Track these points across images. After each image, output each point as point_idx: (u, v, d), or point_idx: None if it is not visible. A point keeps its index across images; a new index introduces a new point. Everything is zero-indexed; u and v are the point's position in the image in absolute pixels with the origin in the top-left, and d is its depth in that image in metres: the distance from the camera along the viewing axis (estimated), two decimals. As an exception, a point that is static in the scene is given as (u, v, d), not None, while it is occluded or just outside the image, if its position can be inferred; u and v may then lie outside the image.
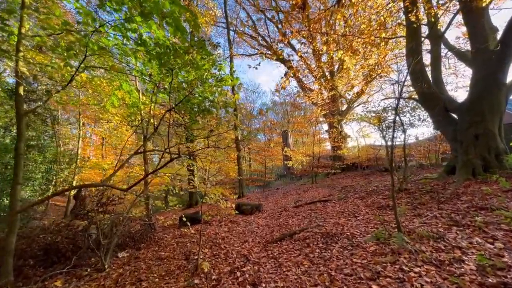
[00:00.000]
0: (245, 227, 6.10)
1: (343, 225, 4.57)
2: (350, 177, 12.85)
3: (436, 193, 5.30)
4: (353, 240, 3.74)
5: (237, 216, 7.50)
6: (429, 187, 5.84)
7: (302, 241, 4.17)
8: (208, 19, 11.69)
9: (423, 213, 4.37)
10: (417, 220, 4.10)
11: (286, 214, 6.76)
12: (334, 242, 3.84)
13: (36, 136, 11.06)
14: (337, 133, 15.85)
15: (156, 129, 3.35)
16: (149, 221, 5.97)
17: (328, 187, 10.53)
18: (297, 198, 9.22)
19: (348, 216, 5.17)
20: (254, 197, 12.34)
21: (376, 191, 7.01)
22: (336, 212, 5.67)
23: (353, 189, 8.21)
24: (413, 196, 5.52)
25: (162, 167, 3.18)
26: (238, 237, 5.21)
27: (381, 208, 5.23)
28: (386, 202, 5.54)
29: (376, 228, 4.05)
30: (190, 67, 3.49)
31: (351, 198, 6.80)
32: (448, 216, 3.95)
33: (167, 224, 7.19)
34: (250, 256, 3.93)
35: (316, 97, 14.40)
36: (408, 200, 5.29)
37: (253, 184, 19.52)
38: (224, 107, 4.77)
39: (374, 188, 7.43)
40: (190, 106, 4.55)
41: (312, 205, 7.02)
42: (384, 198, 5.99)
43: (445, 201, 4.72)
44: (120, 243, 5.41)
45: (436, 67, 7.72)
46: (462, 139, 6.32)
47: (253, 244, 4.61)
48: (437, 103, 7.01)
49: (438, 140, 11.03)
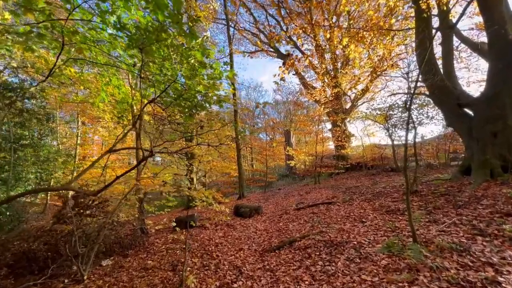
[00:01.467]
0: (242, 232, 5.66)
1: (349, 232, 4.10)
2: (354, 177, 12.32)
3: (452, 196, 4.80)
4: (361, 251, 3.27)
5: (235, 219, 7.06)
6: (443, 189, 5.34)
7: (303, 251, 3.71)
8: (207, 13, 11.26)
9: (440, 219, 3.88)
10: (434, 227, 3.62)
11: (287, 217, 6.31)
12: (339, 252, 3.37)
13: (30, 135, 10.73)
14: (340, 132, 15.32)
15: (135, 124, 2.93)
16: (140, 225, 5.56)
17: (332, 187, 10.04)
18: (299, 199, 8.75)
19: (354, 221, 4.70)
20: (254, 198, 11.89)
21: (383, 192, 6.52)
22: (340, 216, 5.20)
23: (358, 191, 7.72)
24: (426, 199, 5.03)
25: (133, 168, 2.76)
26: (233, 244, 4.77)
27: (390, 213, 4.75)
28: (396, 206, 5.05)
29: (387, 237, 3.58)
30: (174, 52, 3.06)
31: (356, 201, 6.31)
32: (470, 224, 3.46)
33: (162, 227, 6.78)
34: (244, 267, 3.48)
35: (319, 95, 13.90)
36: (421, 204, 4.80)
37: (255, 184, 19.07)
38: (218, 102, 4.33)
39: (381, 190, 6.93)
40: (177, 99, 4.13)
41: (314, 208, 6.55)
42: (393, 201, 5.50)
43: (463, 205, 4.23)
44: (106, 250, 5.00)
45: (448, 60, 7.19)
46: (479, 136, 5.80)
47: (249, 252, 4.17)
48: (450, 98, 6.49)
49: (448, 139, 10.47)
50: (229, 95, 3.78)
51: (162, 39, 2.88)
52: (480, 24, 8.35)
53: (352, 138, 17.26)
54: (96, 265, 4.44)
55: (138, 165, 2.62)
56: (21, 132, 10.19)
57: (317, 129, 16.22)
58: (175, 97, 3.63)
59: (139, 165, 2.64)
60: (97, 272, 4.12)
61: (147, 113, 6.71)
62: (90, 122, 17.83)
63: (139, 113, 3.25)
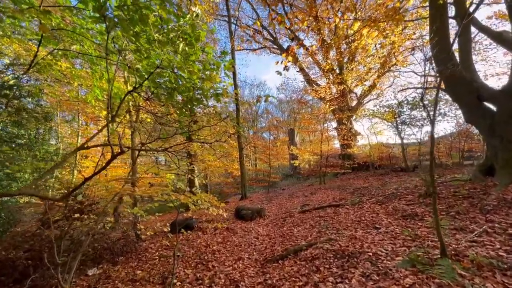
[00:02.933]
0: (243, 237, 5.22)
1: (361, 240, 3.62)
2: (361, 177, 11.79)
3: (476, 199, 4.29)
4: (378, 265, 2.80)
5: (235, 222, 6.63)
6: (465, 190, 4.82)
7: (310, 262, 3.25)
8: (207, 7, 10.84)
9: (467, 226, 3.39)
10: (461, 236, 3.13)
11: (291, 221, 5.85)
12: (353, 266, 2.91)
13: (26, 134, 10.44)
14: (346, 130, 14.79)
15: (114, 118, 2.53)
16: (132, 229, 5.16)
17: (338, 188, 9.54)
18: (304, 201, 8.28)
19: (367, 227, 4.22)
20: (257, 199, 11.45)
21: (396, 194, 6.02)
22: (351, 221, 4.72)
23: (367, 192, 7.22)
24: (447, 202, 4.52)
25: (103, 168, 2.33)
26: (232, 252, 4.33)
27: (407, 218, 4.26)
28: (413, 210, 4.55)
29: (407, 247, 3.10)
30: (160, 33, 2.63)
31: (367, 203, 5.82)
32: (505, 233, 2.97)
33: (154, 232, 6.38)
34: (242, 282, 3.04)
35: (324, 92, 13.39)
36: (442, 208, 4.30)
37: (258, 184, 18.61)
38: (215, 96, 3.89)
39: (393, 191, 6.43)
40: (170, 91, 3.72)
41: (321, 211, 6.08)
42: (408, 204, 5.00)
43: (492, 210, 3.72)
44: (96, 256, 4.61)
45: (466, 51, 6.64)
46: (503, 133, 5.26)
47: (249, 262, 3.72)
48: (469, 91, 5.95)
49: (462, 137, 9.88)
50: (228, 88, 3.33)
51: (145, 18, 2.46)
52: (500, 12, 7.77)
53: (359, 136, 16.71)
54: (81, 274, 4.05)
55: (109, 163, 2.20)
56: (18, 131, 9.91)
57: (322, 127, 15.70)
58: (168, 90, 3.20)
59: (110, 163, 2.21)
60: (81, 283, 3.72)
61: (142, 108, 6.32)
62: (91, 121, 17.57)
63: (119, 105, 2.83)
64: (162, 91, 3.85)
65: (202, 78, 3.67)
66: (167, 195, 3.26)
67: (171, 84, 3.92)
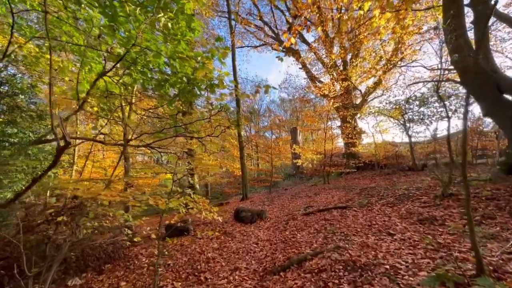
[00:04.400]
0: (241, 242, 4.79)
1: (375, 249, 3.17)
2: (367, 177, 11.31)
3: (503, 201, 3.81)
4: (398, 281, 2.35)
5: (234, 225, 6.20)
6: (487, 192, 4.34)
7: (316, 275, 2.81)
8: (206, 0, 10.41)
9: (499, 233, 2.92)
10: (494, 245, 2.67)
11: (294, 224, 5.40)
12: (367, 282, 2.46)
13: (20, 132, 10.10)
14: (351, 128, 14.28)
15: (81, 108, 2.12)
16: (119, 234, 4.76)
17: (344, 188, 9.07)
18: (307, 202, 7.83)
19: (379, 232, 3.76)
20: (258, 199, 11.01)
21: (407, 195, 5.55)
22: (360, 226, 4.26)
23: (376, 192, 6.74)
24: (468, 204, 4.04)
25: (50, 167, 1.92)
26: (228, 260, 3.89)
27: (424, 222, 3.79)
28: (430, 213, 4.08)
29: (431, 259, 2.64)
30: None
31: (376, 205, 5.36)
32: (549, 242, 2.50)
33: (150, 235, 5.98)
34: (237, 300, 2.61)
35: (327, 89, 12.90)
36: (463, 211, 3.83)
37: (260, 184, 18.15)
38: (210, 87, 3.46)
39: (404, 192, 5.95)
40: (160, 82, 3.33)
41: (326, 213, 5.62)
42: (423, 206, 4.52)
43: (525, 214, 3.25)
44: (79, 264, 4.21)
45: (483, 41, 6.14)
46: (528, 128, 4.77)
47: (246, 273, 3.29)
48: (488, 83, 5.46)
49: (475, 134, 9.33)
50: (223, 78, 2.91)
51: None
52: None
53: (363, 135, 16.19)
54: (61, 285, 3.64)
55: (56, 161, 1.78)
56: (11, 130, 9.57)
57: (326, 125, 15.19)
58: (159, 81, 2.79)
59: (57, 160, 1.80)
60: (58, 296, 3.31)
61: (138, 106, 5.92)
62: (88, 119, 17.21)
63: (88, 90, 2.42)
64: (153, 83, 3.46)
65: (194, 68, 3.26)
66: (145, 200, 2.82)
67: (162, 76, 3.51)
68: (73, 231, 3.63)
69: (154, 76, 3.54)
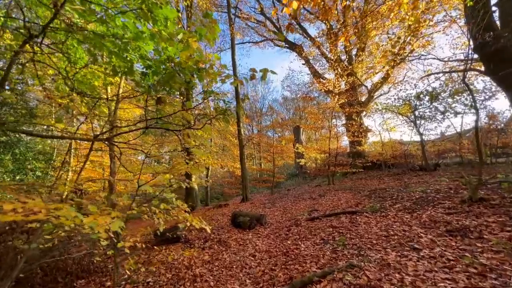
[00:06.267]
0: (236, 253, 4.17)
1: (398, 270, 2.52)
2: (375, 177, 10.62)
3: (553, 208, 3.15)
4: (440, 323, 1.71)
5: (231, 231, 5.59)
6: (527, 196, 3.67)
7: (326, 307, 2.18)
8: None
9: (562, 252, 2.26)
10: None
11: (297, 231, 4.77)
12: (397, 322, 1.82)
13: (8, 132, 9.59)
14: (356, 126, 13.58)
15: (3, 83, 1.57)
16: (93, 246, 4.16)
17: (351, 190, 8.40)
18: (311, 205, 7.18)
19: (400, 246, 3.11)
20: (259, 201, 10.38)
21: (426, 199, 4.88)
22: (375, 236, 3.61)
23: (388, 195, 6.08)
24: (505, 211, 3.38)
25: None
26: (219, 278, 3.28)
27: (455, 234, 3.13)
28: (459, 222, 3.42)
29: None
30: None
31: (391, 210, 4.70)
32: None
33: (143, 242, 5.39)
34: None
35: (332, 85, 12.24)
36: (501, 220, 3.17)
37: (262, 185, 17.53)
38: (197, 72, 2.83)
39: (421, 195, 5.29)
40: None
41: (334, 219, 4.98)
42: (449, 213, 3.86)
43: None
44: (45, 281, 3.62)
45: (509, 24, 5.46)
46: None
47: (238, 298, 2.67)
48: (519, 71, 4.78)
49: (494, 131, 8.60)
50: (213, 62, 2.25)
51: None
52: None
53: (370, 133, 15.47)
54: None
55: None
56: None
57: (330, 123, 14.50)
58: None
59: None
60: (9, 325, 2.72)
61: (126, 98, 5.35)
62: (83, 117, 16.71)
63: (9, 62, 1.82)
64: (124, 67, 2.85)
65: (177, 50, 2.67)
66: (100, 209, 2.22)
67: (145, 62, 2.90)
68: (26, 243, 3.03)
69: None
